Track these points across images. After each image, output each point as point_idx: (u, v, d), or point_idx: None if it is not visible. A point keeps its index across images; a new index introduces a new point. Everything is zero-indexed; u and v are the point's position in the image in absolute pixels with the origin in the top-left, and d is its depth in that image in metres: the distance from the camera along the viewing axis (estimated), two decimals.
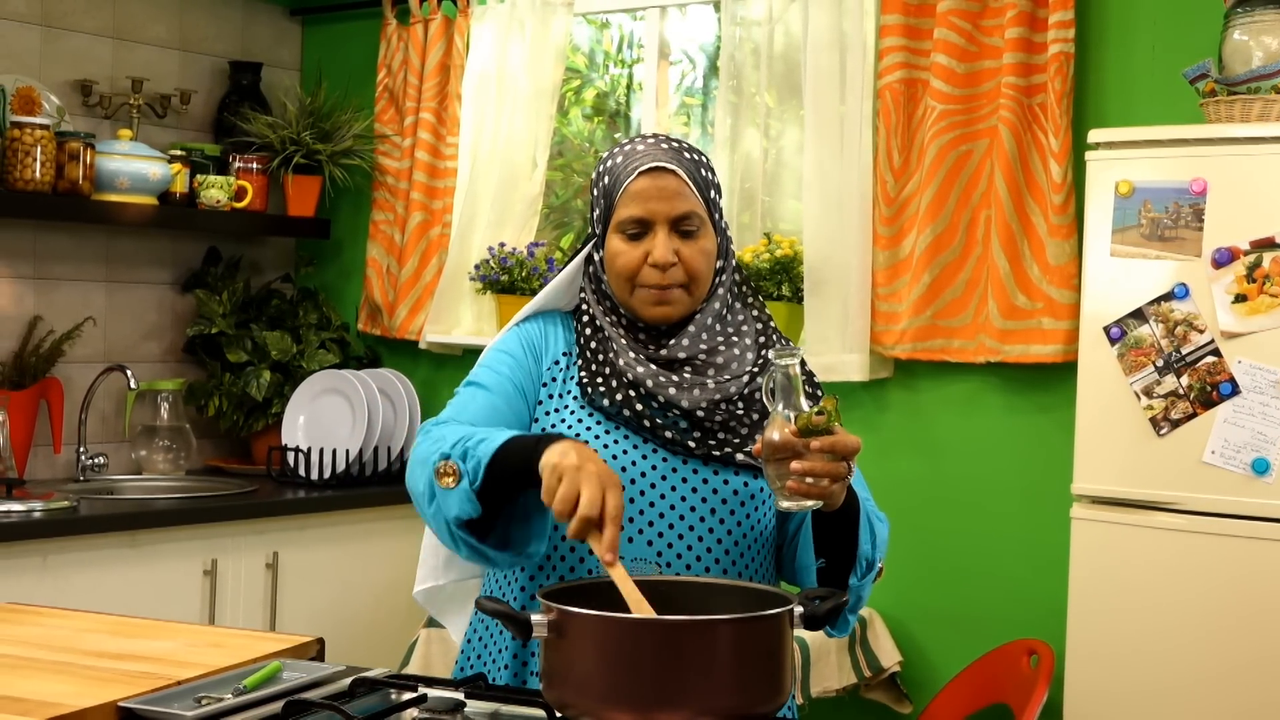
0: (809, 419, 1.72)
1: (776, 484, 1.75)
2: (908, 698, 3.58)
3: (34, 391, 3.89)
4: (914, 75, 3.53)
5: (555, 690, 1.62)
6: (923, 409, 3.63)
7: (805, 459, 1.72)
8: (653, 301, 1.97)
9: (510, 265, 4.08)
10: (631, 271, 1.96)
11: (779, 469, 1.74)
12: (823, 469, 1.72)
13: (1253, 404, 2.75)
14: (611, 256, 1.98)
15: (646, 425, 1.94)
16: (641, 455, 1.94)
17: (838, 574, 1.90)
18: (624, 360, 1.96)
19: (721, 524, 1.95)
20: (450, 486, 1.80)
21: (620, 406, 1.94)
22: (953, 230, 3.47)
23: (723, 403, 1.94)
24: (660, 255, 1.94)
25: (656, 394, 1.93)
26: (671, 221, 1.95)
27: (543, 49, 4.11)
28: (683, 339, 1.98)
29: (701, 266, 1.97)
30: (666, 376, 1.94)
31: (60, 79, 4.07)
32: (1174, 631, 2.82)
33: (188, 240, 4.38)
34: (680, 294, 1.97)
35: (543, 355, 2.04)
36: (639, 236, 1.96)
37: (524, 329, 2.07)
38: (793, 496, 1.74)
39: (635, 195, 1.95)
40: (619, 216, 1.97)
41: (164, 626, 2.06)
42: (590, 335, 2.01)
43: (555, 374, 2.02)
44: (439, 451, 1.83)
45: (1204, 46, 3.16)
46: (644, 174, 1.95)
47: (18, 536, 3.27)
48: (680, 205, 1.95)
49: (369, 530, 4.00)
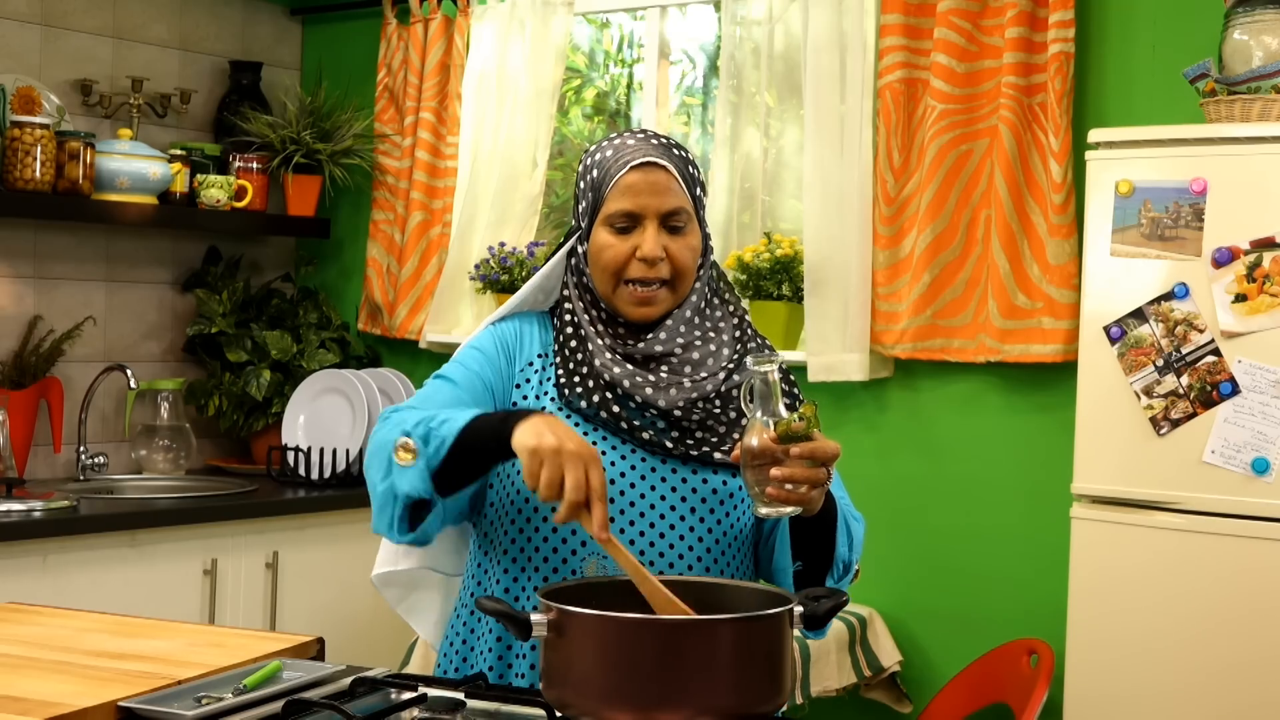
0: (788, 425, 1.71)
1: (755, 490, 1.74)
2: (908, 697, 3.58)
3: (34, 391, 3.89)
4: (914, 75, 3.53)
5: (555, 690, 1.62)
6: (923, 409, 3.63)
7: (785, 465, 1.71)
8: (636, 302, 1.97)
9: (510, 265, 4.08)
10: (619, 265, 1.96)
11: (757, 475, 1.73)
12: (802, 475, 1.71)
13: (1253, 404, 2.75)
14: (598, 250, 1.98)
15: (624, 426, 1.93)
16: (620, 456, 1.94)
17: (814, 576, 1.90)
18: (600, 360, 1.95)
19: (702, 523, 1.94)
20: (407, 463, 1.81)
21: (598, 408, 1.94)
22: (953, 230, 3.47)
23: (699, 401, 1.94)
24: (649, 249, 1.94)
25: (633, 394, 1.92)
26: (661, 216, 1.95)
27: (543, 48, 4.11)
28: (660, 333, 1.97)
29: (688, 262, 1.97)
30: (643, 376, 1.94)
31: (60, 78, 4.07)
32: (1174, 631, 2.82)
33: (188, 240, 4.38)
34: (664, 293, 1.97)
35: (516, 356, 2.03)
36: (627, 230, 1.96)
37: (500, 328, 2.06)
38: (771, 503, 1.73)
39: (626, 189, 1.95)
40: (608, 210, 1.97)
41: (164, 626, 2.06)
42: (570, 335, 2.00)
43: (530, 375, 2.02)
44: (401, 430, 1.83)
45: (1204, 46, 3.16)
46: (635, 168, 1.95)
47: (18, 536, 3.27)
48: (670, 201, 1.96)
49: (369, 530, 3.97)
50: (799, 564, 1.89)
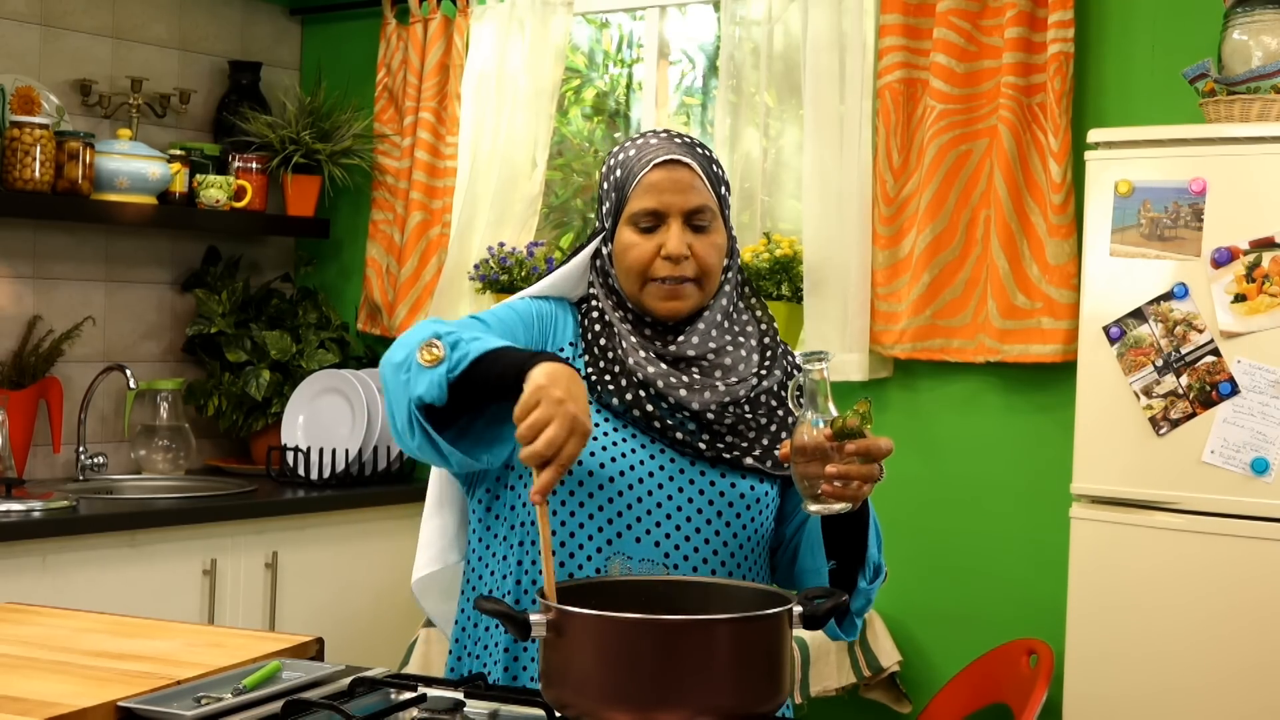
0: (843, 422, 1.72)
1: (805, 486, 1.75)
2: (907, 697, 3.58)
3: (33, 391, 3.89)
4: (914, 75, 3.53)
5: (554, 690, 1.62)
6: (922, 409, 3.63)
7: (839, 462, 1.72)
8: (664, 297, 1.96)
9: (510, 265, 4.08)
10: (644, 264, 1.95)
11: (808, 472, 1.74)
12: (856, 472, 1.73)
13: (1252, 404, 2.76)
14: (622, 249, 1.97)
15: (656, 426, 1.93)
16: (649, 455, 1.94)
17: (846, 577, 1.91)
18: (634, 359, 1.94)
19: (728, 527, 1.94)
20: (428, 364, 1.78)
21: (630, 406, 1.93)
22: (952, 230, 3.47)
23: (731, 405, 1.94)
24: (674, 247, 1.93)
25: (667, 394, 1.92)
26: (685, 214, 1.95)
27: (542, 48, 4.11)
28: (692, 336, 1.97)
29: (713, 261, 1.97)
30: (677, 377, 1.93)
31: (60, 79, 4.07)
32: (1173, 631, 2.82)
33: (187, 240, 4.38)
34: (691, 289, 1.96)
35: (550, 334, 2.02)
36: (652, 229, 1.95)
37: (539, 303, 2.04)
38: (824, 500, 1.74)
39: (649, 187, 1.95)
40: (631, 209, 1.96)
41: (163, 626, 2.06)
42: (599, 331, 1.99)
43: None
44: (433, 330, 1.81)
45: (1204, 46, 3.16)
46: (658, 166, 1.95)
47: (17, 536, 3.27)
48: (694, 199, 1.95)
49: (369, 530, 4.00)
50: (834, 563, 1.90)
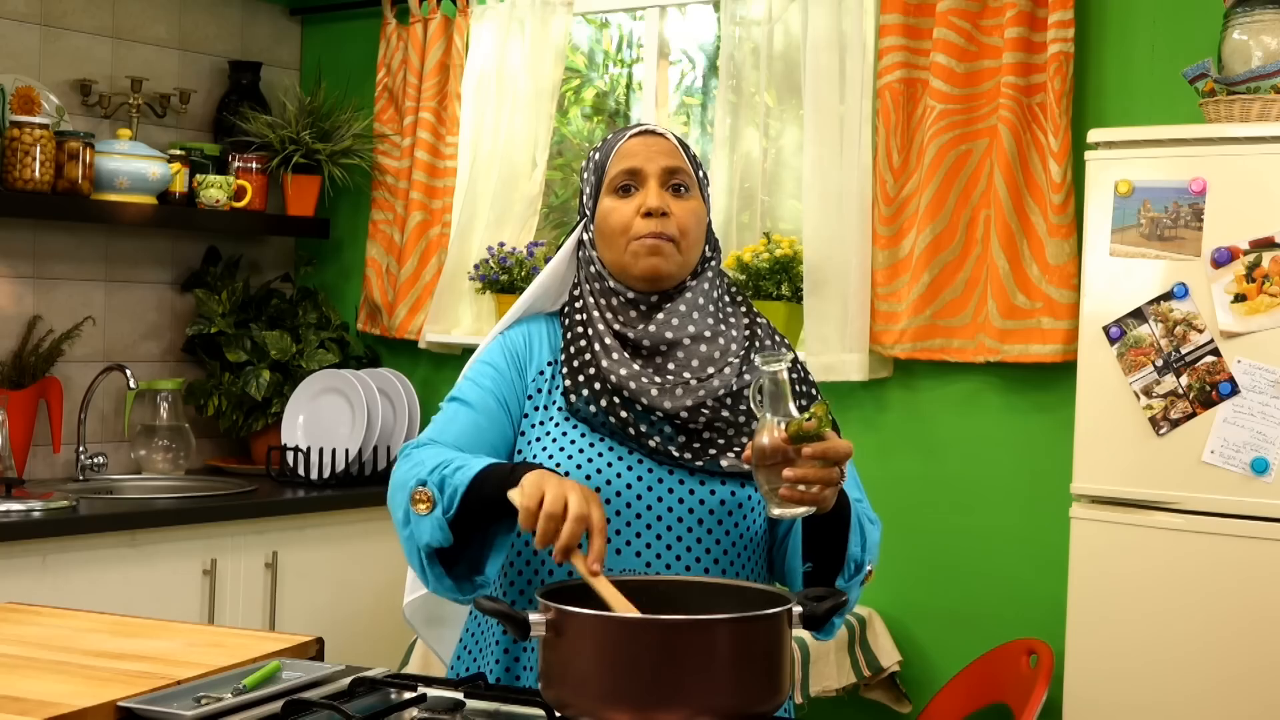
0: (800, 425, 1.69)
1: (767, 490, 1.72)
2: (907, 697, 3.58)
3: (33, 391, 3.89)
4: (914, 75, 3.53)
5: (554, 690, 1.62)
6: (922, 409, 3.63)
7: (797, 466, 1.70)
8: (645, 253, 1.97)
9: (510, 265, 4.08)
10: (625, 224, 1.98)
11: (769, 475, 1.71)
12: (815, 475, 1.70)
13: (1252, 404, 2.76)
14: (604, 216, 2.00)
15: (631, 433, 1.92)
16: (627, 467, 1.93)
17: (825, 577, 1.89)
18: (608, 361, 1.94)
19: (710, 534, 1.93)
20: (424, 513, 1.80)
21: (605, 414, 1.93)
22: (952, 230, 3.47)
23: (706, 403, 1.93)
24: (653, 201, 1.97)
25: (639, 396, 1.91)
26: (662, 175, 1.99)
27: (542, 48, 4.11)
28: (672, 317, 1.97)
29: (691, 224, 1.99)
30: (649, 378, 1.93)
31: (60, 78, 4.07)
32: (1173, 631, 2.82)
33: (187, 240, 4.38)
34: (671, 248, 1.98)
35: (527, 365, 2.03)
36: (631, 190, 1.99)
37: (508, 337, 2.06)
38: (784, 504, 1.72)
39: (626, 154, 2.01)
40: (610, 175, 2.00)
41: (163, 626, 2.06)
42: (579, 333, 1.99)
43: (541, 384, 2.01)
44: (416, 477, 1.83)
45: (1203, 46, 3.16)
46: (635, 136, 2.01)
47: (17, 536, 3.27)
48: (671, 160, 2.00)
49: (368, 530, 4.00)
50: (809, 565, 1.88)
